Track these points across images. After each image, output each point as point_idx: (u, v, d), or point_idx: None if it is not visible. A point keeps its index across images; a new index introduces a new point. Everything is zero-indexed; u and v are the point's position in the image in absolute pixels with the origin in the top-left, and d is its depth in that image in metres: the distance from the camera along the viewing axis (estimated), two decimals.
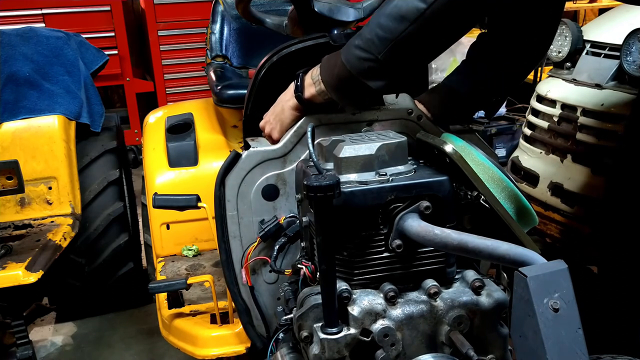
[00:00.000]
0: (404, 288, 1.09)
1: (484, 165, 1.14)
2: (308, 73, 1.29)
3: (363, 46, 1.16)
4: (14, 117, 2.37)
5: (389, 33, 1.13)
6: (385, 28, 1.13)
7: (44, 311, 2.86)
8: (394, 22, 1.12)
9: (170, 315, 1.80)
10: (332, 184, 0.94)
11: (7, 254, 2.00)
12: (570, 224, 2.30)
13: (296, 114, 1.32)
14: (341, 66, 1.20)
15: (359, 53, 1.17)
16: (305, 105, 1.30)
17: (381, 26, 1.14)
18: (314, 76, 1.27)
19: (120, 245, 2.57)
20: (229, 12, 2.71)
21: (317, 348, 1.04)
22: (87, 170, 2.54)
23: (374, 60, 1.16)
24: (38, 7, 4.37)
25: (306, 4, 1.48)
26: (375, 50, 1.15)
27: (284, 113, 1.33)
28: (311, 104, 1.30)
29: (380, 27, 1.14)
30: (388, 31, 1.13)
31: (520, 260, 0.90)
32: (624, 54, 2.17)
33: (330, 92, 1.24)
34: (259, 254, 1.34)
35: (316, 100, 1.28)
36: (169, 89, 4.86)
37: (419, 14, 1.10)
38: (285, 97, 1.34)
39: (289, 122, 1.33)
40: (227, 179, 1.32)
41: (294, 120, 1.32)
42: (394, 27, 1.12)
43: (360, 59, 1.17)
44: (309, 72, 1.29)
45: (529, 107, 2.65)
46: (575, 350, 0.82)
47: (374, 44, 1.15)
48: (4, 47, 2.46)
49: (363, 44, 1.16)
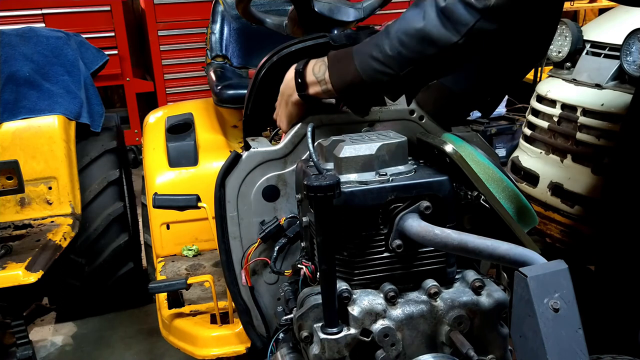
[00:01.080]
0: (404, 288, 1.09)
1: (484, 165, 1.13)
2: (309, 68, 1.25)
3: (383, 60, 1.13)
4: (14, 117, 2.37)
5: (414, 54, 1.11)
6: (410, 49, 1.10)
7: (44, 311, 2.86)
8: (421, 44, 1.09)
9: (170, 315, 1.80)
10: (332, 184, 0.94)
11: (7, 254, 2.00)
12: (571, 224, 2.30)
13: (301, 108, 1.31)
14: (355, 74, 1.17)
15: (377, 66, 1.14)
16: (309, 102, 1.29)
17: (405, 45, 1.11)
18: (317, 74, 1.24)
19: (120, 245, 2.56)
20: (229, 12, 2.71)
21: (317, 348, 1.04)
22: (87, 170, 2.54)
23: (394, 76, 1.14)
24: (38, 7, 4.37)
25: (306, 4, 1.48)
26: (396, 67, 1.13)
27: (289, 109, 1.32)
28: (315, 100, 1.29)
29: (404, 46, 1.11)
30: (413, 52, 1.11)
31: (520, 260, 0.90)
32: (624, 54, 2.17)
33: (340, 96, 1.23)
34: (259, 254, 1.34)
35: (321, 97, 1.27)
36: (169, 89, 4.85)
37: (451, 45, 1.08)
38: (288, 92, 1.31)
39: (294, 116, 1.32)
40: (227, 180, 1.32)
41: (299, 114, 1.31)
42: (420, 49, 1.10)
43: (379, 72, 1.15)
44: (310, 67, 1.25)
45: (529, 107, 2.65)
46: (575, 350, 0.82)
47: (396, 62, 1.12)
48: (4, 47, 2.46)
49: (383, 58, 1.13)
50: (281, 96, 1.34)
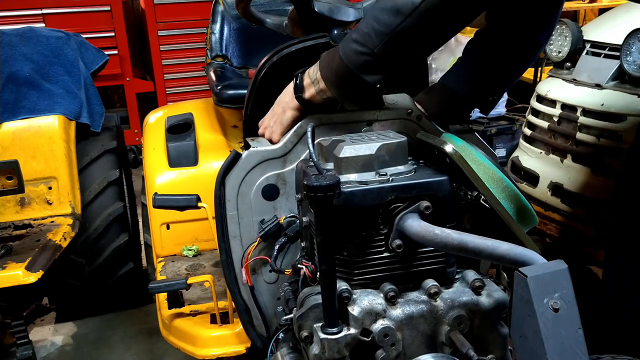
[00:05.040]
0: (404, 288, 1.09)
1: (484, 165, 1.14)
2: (306, 73, 1.29)
3: (360, 40, 1.17)
4: (14, 117, 2.37)
5: (385, 27, 1.14)
6: (381, 22, 1.14)
7: (44, 311, 2.86)
8: (389, 15, 1.13)
9: (170, 315, 1.80)
10: (332, 184, 0.94)
11: (7, 254, 2.00)
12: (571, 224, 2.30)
13: (297, 114, 1.32)
14: (339, 61, 1.20)
15: (355, 47, 1.17)
16: (306, 106, 1.30)
17: (377, 20, 1.15)
18: (311, 75, 1.27)
19: (120, 245, 2.57)
20: (229, 12, 2.71)
21: (317, 348, 1.04)
22: (87, 170, 2.54)
23: (370, 54, 1.16)
24: (38, 7, 4.37)
25: (306, 4, 1.48)
26: (371, 44, 1.16)
27: (285, 114, 1.33)
28: (311, 104, 1.30)
29: (377, 21, 1.15)
30: (383, 25, 1.14)
31: (520, 260, 0.90)
32: (624, 54, 2.17)
33: (329, 88, 1.24)
34: (259, 253, 1.34)
35: (315, 100, 1.28)
36: (169, 89, 4.86)
37: (414, 8, 1.10)
38: (285, 99, 1.33)
39: (289, 123, 1.33)
40: (227, 179, 1.32)
41: (294, 121, 1.32)
42: (389, 21, 1.13)
43: (357, 52, 1.17)
44: (307, 72, 1.29)
45: (529, 107, 2.65)
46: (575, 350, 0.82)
47: (370, 38, 1.15)
48: (4, 47, 2.46)
49: (360, 38, 1.17)
50: (277, 104, 1.35)
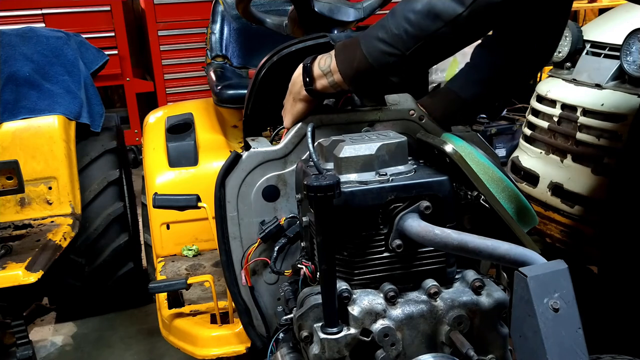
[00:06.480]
0: (404, 288, 1.09)
1: (484, 165, 1.13)
2: (315, 63, 1.25)
3: (388, 40, 1.13)
4: (14, 117, 2.37)
5: (420, 30, 1.11)
6: (414, 25, 1.11)
7: (44, 311, 2.87)
8: (426, 19, 1.10)
9: (170, 315, 1.80)
10: (332, 184, 0.94)
11: (7, 254, 2.01)
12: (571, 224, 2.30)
13: (307, 105, 1.30)
14: (361, 58, 1.17)
15: (382, 47, 1.14)
16: (316, 97, 1.28)
17: (410, 22, 1.11)
18: (323, 66, 1.24)
19: (120, 245, 2.57)
20: (229, 12, 2.71)
21: (317, 348, 1.04)
22: (87, 170, 2.54)
23: (399, 55, 1.14)
24: (38, 7, 4.37)
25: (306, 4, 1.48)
26: (402, 46, 1.13)
27: (295, 106, 1.31)
28: (323, 95, 1.28)
29: (409, 23, 1.11)
30: (418, 28, 1.11)
31: (520, 260, 0.90)
32: (624, 54, 2.17)
33: (347, 83, 1.22)
34: (260, 255, 1.34)
35: (328, 91, 1.26)
36: (169, 89, 4.86)
37: (456, 16, 1.08)
38: (295, 88, 1.30)
39: (299, 115, 1.31)
40: (227, 180, 1.31)
41: (305, 111, 1.30)
42: (425, 25, 1.10)
43: (384, 53, 1.14)
44: (316, 62, 1.25)
45: (529, 107, 2.65)
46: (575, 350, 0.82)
47: (402, 40, 1.12)
48: (4, 47, 2.46)
49: (388, 38, 1.13)
50: (289, 93, 1.33)
